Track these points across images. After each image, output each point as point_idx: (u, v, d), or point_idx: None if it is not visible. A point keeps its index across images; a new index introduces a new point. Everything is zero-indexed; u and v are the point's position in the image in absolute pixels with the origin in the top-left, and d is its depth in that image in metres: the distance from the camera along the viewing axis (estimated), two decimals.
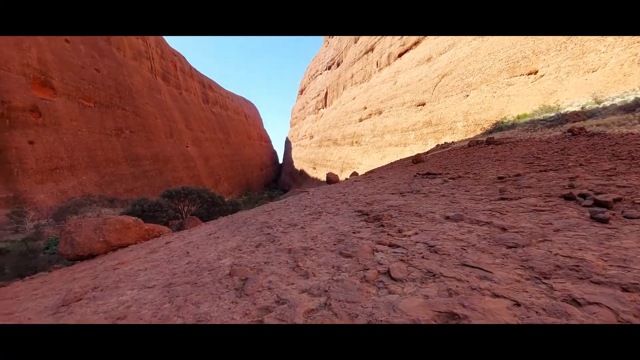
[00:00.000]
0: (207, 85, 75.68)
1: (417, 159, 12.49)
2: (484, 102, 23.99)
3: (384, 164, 27.86)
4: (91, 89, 35.12)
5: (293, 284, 1.99)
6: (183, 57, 67.42)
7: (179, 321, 1.78)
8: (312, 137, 71.62)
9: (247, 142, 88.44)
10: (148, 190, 36.29)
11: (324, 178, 53.77)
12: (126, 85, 41.56)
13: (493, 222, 2.54)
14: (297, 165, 75.90)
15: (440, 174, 5.81)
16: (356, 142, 45.47)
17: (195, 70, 72.32)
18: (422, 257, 2.03)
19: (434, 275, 1.75)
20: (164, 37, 62.40)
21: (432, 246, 2.20)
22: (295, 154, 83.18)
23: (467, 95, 26.59)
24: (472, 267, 1.78)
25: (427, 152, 18.17)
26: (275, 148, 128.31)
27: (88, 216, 20.12)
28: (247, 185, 72.17)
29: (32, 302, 2.82)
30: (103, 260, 5.01)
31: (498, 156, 7.58)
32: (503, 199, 3.32)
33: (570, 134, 9.11)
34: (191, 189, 16.03)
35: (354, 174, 17.34)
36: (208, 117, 67.75)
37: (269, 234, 3.70)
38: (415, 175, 6.42)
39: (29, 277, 7.06)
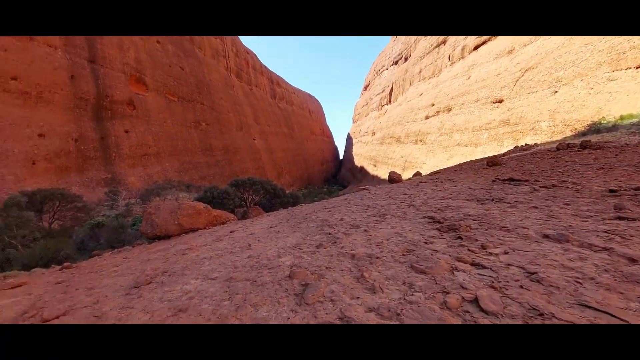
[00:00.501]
0: (275, 81, 78.99)
1: (492, 162, 11.29)
2: (577, 99, 20.83)
3: (451, 165, 26.04)
4: (176, 85, 39.06)
5: (358, 298, 1.77)
6: (255, 54, 71.22)
7: (236, 323, 1.69)
8: (374, 133, 70.33)
9: (309, 137, 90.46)
10: (218, 179, 39.33)
11: (384, 176, 52.73)
12: (205, 81, 45.38)
13: (614, 248, 1.99)
14: (358, 161, 75.30)
15: (526, 180, 5.02)
16: (420, 141, 43.35)
17: (265, 67, 75.92)
18: (521, 287, 1.64)
19: (542, 315, 1.36)
20: (239, 36, 66.45)
21: (531, 273, 1.78)
22: (356, 150, 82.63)
23: (556, 92, 23.37)
24: (596, 310, 1.36)
25: (504, 154, 16.41)
26: (336, 144, 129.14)
27: (168, 198, 22.41)
28: (307, 179, 73.96)
29: (110, 280, 3.07)
30: (175, 242, 5.38)
31: (600, 163, 6.36)
32: (621, 218, 2.65)
33: None
34: (256, 180, 16.74)
35: (417, 174, 16.43)
36: (275, 112, 70.79)
37: (329, 233, 3.54)
38: (494, 181, 5.68)
39: (116, 250, 8.03)
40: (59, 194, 17.38)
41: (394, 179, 12.97)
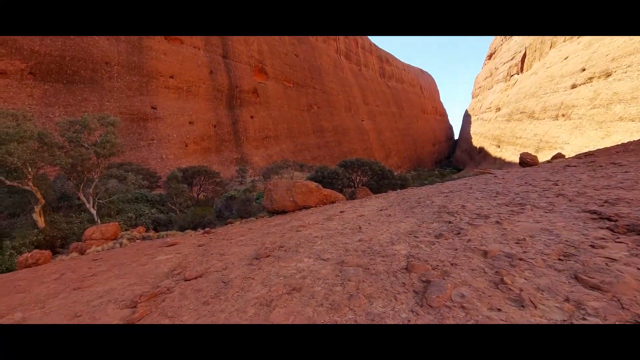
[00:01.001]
0: (384, 59, 76.27)
1: None
2: None
3: (607, 145, 20.51)
4: (291, 71, 41.91)
5: (500, 310, 1.42)
6: None
7: (350, 314, 1.59)
8: (498, 109, 61.00)
9: (420, 116, 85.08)
10: (328, 159, 41.18)
11: (510, 159, 45.94)
12: (316, 66, 47.25)
13: None
14: (476, 141, 67.10)
15: None
16: (563, 115, 35.48)
17: (375, 45, 73.88)
18: None
19: None
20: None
21: None
22: (474, 129, 73.63)
23: None
24: None
25: None
26: (451, 123, 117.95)
27: (284, 177, 24.63)
28: (417, 161, 70.36)
29: (237, 248, 3.46)
30: (290, 218, 5.78)
31: None
32: None
33: None
34: (364, 161, 16.73)
35: (559, 155, 13.50)
36: (383, 91, 68.83)
37: (450, 222, 3.11)
38: None
39: (244, 220, 9.25)
40: (204, 170, 21.18)
41: (527, 161, 10.98)
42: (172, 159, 26.33)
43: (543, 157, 29.10)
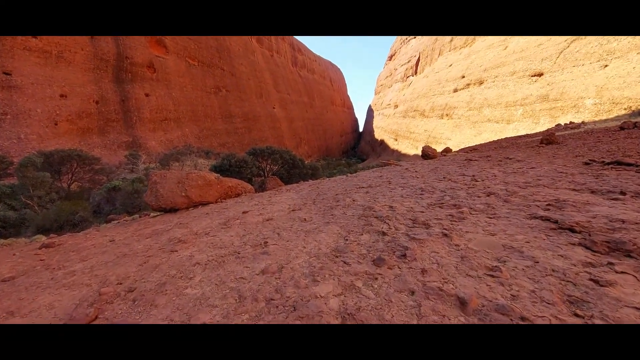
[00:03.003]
0: (296, 48, 75.59)
1: (548, 139, 9.77)
2: (630, 74, 18.47)
3: (480, 142, 24.08)
4: (196, 48, 37.51)
5: None
6: None
7: None
8: (396, 106, 67.10)
9: (330, 107, 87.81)
10: (237, 146, 38.72)
11: (405, 151, 50.86)
12: (225, 46, 43.48)
13: None
14: (378, 134, 72.78)
15: None
16: (447, 115, 40.84)
17: None
18: None
19: None
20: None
21: None
22: (376, 123, 79.72)
23: (606, 66, 20.88)
24: None
25: (547, 133, 14.62)
26: (356, 115, 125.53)
27: (187, 164, 21.92)
28: (326, 150, 72.55)
29: (49, 296, 2.02)
30: (176, 222, 4.38)
31: None
32: None
33: None
34: (274, 149, 15.88)
35: (448, 149, 14.93)
36: (295, 80, 68.29)
37: (384, 233, 2.38)
38: (587, 163, 4.29)
39: (116, 222, 7.23)
40: (76, 155, 16.92)
41: (428, 154, 11.56)
42: (34, 140, 20.66)
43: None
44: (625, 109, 17.39)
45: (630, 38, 19.79)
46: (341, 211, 3.40)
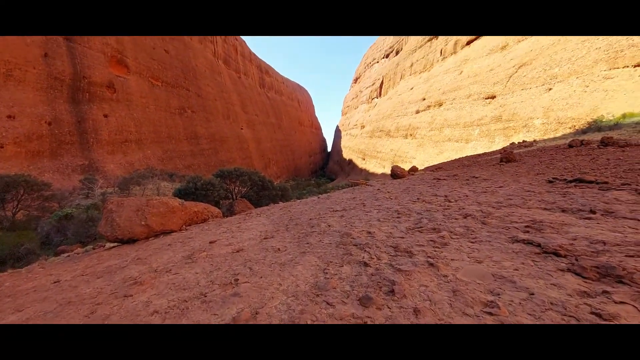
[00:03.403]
0: (264, 70, 76.38)
1: (507, 158, 10.32)
2: (572, 97, 20.56)
3: (442, 161, 25.26)
4: (160, 68, 36.58)
5: None
6: (244, 41, 68.42)
7: None
8: (363, 127, 69.21)
9: (298, 128, 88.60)
10: (204, 168, 37.49)
11: (373, 169, 52.00)
12: (191, 66, 42.86)
13: None
14: (346, 154, 74.21)
15: (605, 182, 3.82)
16: (411, 135, 42.75)
17: (254, 54, 73.23)
18: None
19: None
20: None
21: None
22: (344, 143, 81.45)
23: (550, 89, 23.10)
24: None
25: (504, 150, 15.60)
26: (324, 136, 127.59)
27: (148, 188, 20.71)
28: (294, 171, 72.44)
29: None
30: (134, 256, 3.93)
31: None
32: None
33: None
34: (243, 171, 15.48)
35: (414, 168, 15.37)
36: (263, 102, 68.49)
37: (366, 264, 2.21)
38: (550, 181, 4.47)
39: (65, 255, 6.49)
40: (23, 181, 15.40)
41: (397, 173, 11.75)
42: None
43: None
44: (570, 127, 19.08)
45: (570, 64, 22.08)
46: (317, 238, 3.20)
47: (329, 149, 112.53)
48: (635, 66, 17.78)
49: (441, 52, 45.13)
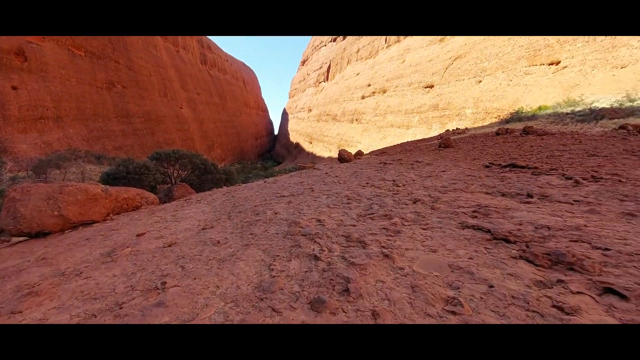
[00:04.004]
0: (205, 45, 71.11)
1: (445, 144, 10.94)
2: (498, 89, 22.72)
3: (385, 145, 26.28)
4: (82, 36, 31.76)
5: None
6: None
7: None
8: (310, 110, 68.89)
9: (243, 110, 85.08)
10: (138, 150, 34.22)
11: (320, 153, 52.35)
12: (120, 36, 37.96)
13: None
14: (293, 137, 73.53)
15: (535, 167, 4.11)
16: (356, 120, 43.71)
17: None
18: None
19: None
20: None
21: None
22: (291, 126, 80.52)
23: (480, 81, 25.17)
24: None
25: (441, 137, 16.62)
26: (271, 118, 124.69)
27: (71, 172, 18.26)
28: (240, 154, 69.93)
29: None
30: (40, 254, 3.25)
31: (578, 149, 5.89)
32: None
33: (625, 131, 7.95)
34: (182, 153, 14.32)
35: (360, 153, 15.67)
36: (205, 79, 64.06)
37: (317, 257, 2.00)
38: (487, 166, 4.71)
39: None
40: None
41: (344, 157, 11.80)
42: None
43: None
44: (495, 117, 20.99)
45: (497, 59, 24.08)
46: (262, 228, 2.92)
47: (276, 132, 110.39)
48: (549, 64, 20.01)
49: (386, 40, 46.24)
